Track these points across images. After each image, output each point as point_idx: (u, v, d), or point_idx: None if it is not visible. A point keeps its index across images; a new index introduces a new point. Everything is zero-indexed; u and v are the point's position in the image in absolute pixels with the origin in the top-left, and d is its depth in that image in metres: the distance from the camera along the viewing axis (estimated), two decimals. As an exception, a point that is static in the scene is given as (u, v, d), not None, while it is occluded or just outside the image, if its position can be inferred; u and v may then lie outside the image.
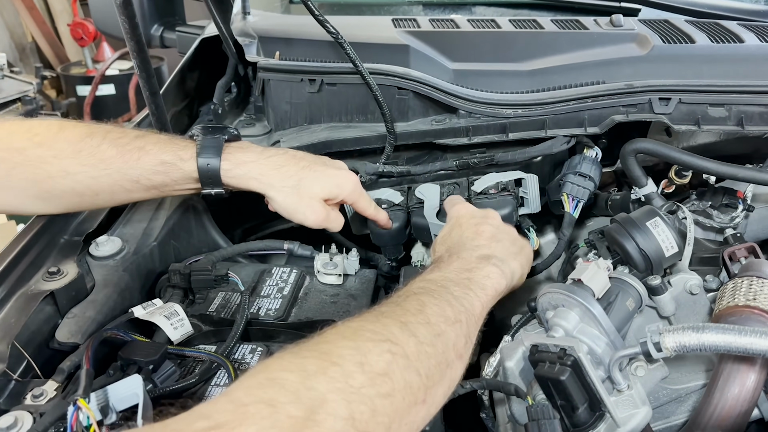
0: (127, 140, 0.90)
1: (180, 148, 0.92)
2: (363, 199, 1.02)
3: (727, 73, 1.10)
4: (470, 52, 1.22)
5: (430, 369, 0.64)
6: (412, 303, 0.71)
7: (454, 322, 0.71)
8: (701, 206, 1.03)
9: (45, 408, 0.70)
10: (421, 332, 0.65)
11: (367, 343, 0.60)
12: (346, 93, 1.23)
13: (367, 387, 0.56)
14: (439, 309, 0.71)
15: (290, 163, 0.96)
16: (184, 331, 0.87)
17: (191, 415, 0.49)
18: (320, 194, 0.96)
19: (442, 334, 0.68)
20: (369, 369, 0.57)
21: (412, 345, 0.63)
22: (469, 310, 0.75)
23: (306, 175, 0.96)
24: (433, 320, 0.68)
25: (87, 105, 4.27)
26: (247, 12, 1.42)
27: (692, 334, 0.67)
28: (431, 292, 0.74)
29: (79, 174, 0.88)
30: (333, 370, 0.56)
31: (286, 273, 1.03)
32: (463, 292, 0.77)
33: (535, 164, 1.16)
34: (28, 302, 0.82)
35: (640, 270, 0.85)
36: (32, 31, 5.12)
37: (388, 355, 0.60)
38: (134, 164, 0.89)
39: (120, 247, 0.98)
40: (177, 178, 0.92)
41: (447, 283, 0.78)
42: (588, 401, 0.71)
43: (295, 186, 0.95)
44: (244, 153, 0.95)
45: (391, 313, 0.68)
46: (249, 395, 0.51)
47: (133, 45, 1.02)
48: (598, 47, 1.17)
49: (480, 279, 0.81)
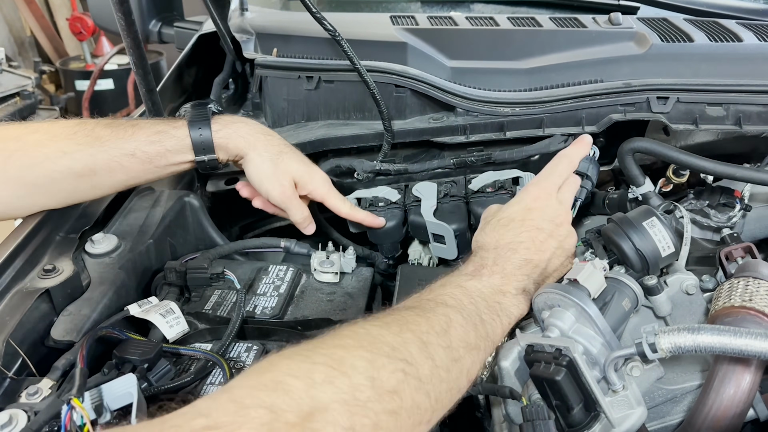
0: (118, 123, 0.95)
1: (171, 120, 0.99)
2: (332, 197, 1.05)
3: (726, 72, 1.10)
4: (468, 49, 1.22)
5: (441, 393, 0.63)
6: (440, 318, 0.69)
7: (474, 348, 0.70)
8: (699, 205, 1.03)
9: (40, 406, 0.70)
10: (440, 355, 0.64)
11: (382, 358, 0.59)
12: (344, 90, 1.24)
13: (374, 402, 0.55)
14: (463, 332, 0.69)
15: (276, 137, 1.03)
16: (180, 329, 0.87)
17: (190, 412, 0.49)
18: (294, 173, 1.01)
19: (459, 360, 0.67)
20: (379, 385, 0.56)
21: (428, 368, 0.62)
22: (490, 336, 0.74)
23: (288, 151, 1.02)
24: (454, 344, 0.67)
25: (85, 100, 4.26)
26: (245, 8, 1.42)
27: (687, 335, 0.66)
28: (462, 310, 0.72)
29: (76, 152, 0.90)
30: (341, 381, 0.55)
31: (282, 271, 1.03)
32: (491, 317, 0.75)
33: (532, 163, 1.15)
34: (23, 300, 0.82)
35: (636, 270, 0.85)
36: (31, 26, 5.10)
37: (401, 374, 0.59)
38: (129, 138, 0.93)
39: (116, 245, 0.98)
40: (171, 147, 0.95)
41: (479, 303, 0.75)
42: (583, 401, 0.71)
43: (275, 155, 1.00)
44: (232, 120, 1.01)
45: (416, 326, 0.66)
46: (252, 397, 0.50)
47: (129, 42, 1.02)
48: (596, 45, 1.17)
49: (509, 307, 0.79)
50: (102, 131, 0.92)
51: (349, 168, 1.19)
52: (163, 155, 0.95)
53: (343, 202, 1.06)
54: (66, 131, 0.90)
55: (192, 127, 0.96)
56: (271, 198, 1.02)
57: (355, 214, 1.08)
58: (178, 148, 0.96)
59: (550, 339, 0.74)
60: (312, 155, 1.22)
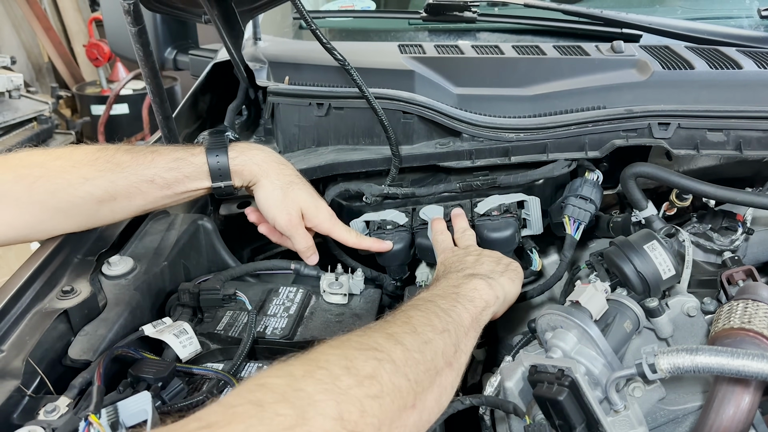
0: (138, 149, 0.98)
1: (189, 148, 1.02)
2: (338, 230, 1.08)
3: (726, 99, 1.12)
4: (474, 77, 1.25)
5: (419, 375, 0.65)
6: (399, 317, 0.73)
7: (442, 331, 0.73)
8: (702, 229, 1.05)
9: (57, 423, 0.72)
10: (408, 340, 0.68)
11: (352, 351, 0.63)
12: (353, 117, 1.27)
13: (355, 388, 0.58)
14: (425, 319, 0.73)
15: (288, 167, 1.06)
16: (193, 349, 0.89)
17: (186, 420, 0.52)
18: (302, 204, 1.04)
19: (430, 342, 0.70)
20: (356, 372, 0.59)
21: (399, 352, 0.65)
22: (456, 321, 0.77)
23: (298, 182, 1.06)
24: (419, 329, 0.70)
25: (101, 124, 4.34)
26: (258, 38, 1.47)
27: (686, 356, 0.68)
28: (418, 307, 0.76)
29: (97, 179, 0.93)
30: (320, 373, 0.58)
31: (292, 292, 1.05)
32: (450, 304, 0.79)
33: (537, 187, 1.17)
34: (42, 320, 0.85)
35: (637, 292, 0.87)
36: (48, 52, 5.23)
37: (374, 361, 0.62)
38: (149, 164, 0.96)
39: (131, 267, 1.00)
40: (189, 173, 0.99)
41: (434, 298, 0.80)
42: (585, 421, 0.72)
43: (286, 185, 1.03)
44: (248, 147, 1.05)
45: (378, 327, 0.70)
46: (238, 398, 0.54)
47: (147, 71, 1.05)
48: (599, 73, 1.20)
49: (467, 292, 0.83)
50: (122, 157, 0.95)
51: (357, 192, 1.21)
52: (181, 181, 0.98)
53: (348, 233, 1.09)
54: (87, 158, 0.94)
55: (209, 154, 0.99)
56: (278, 225, 1.05)
57: (362, 243, 1.10)
58: (195, 174, 0.99)
59: (553, 360, 0.76)
60: (322, 179, 1.26)
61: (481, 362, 1.17)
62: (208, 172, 0.99)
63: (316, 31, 1.08)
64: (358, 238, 1.10)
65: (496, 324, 1.06)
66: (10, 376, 0.77)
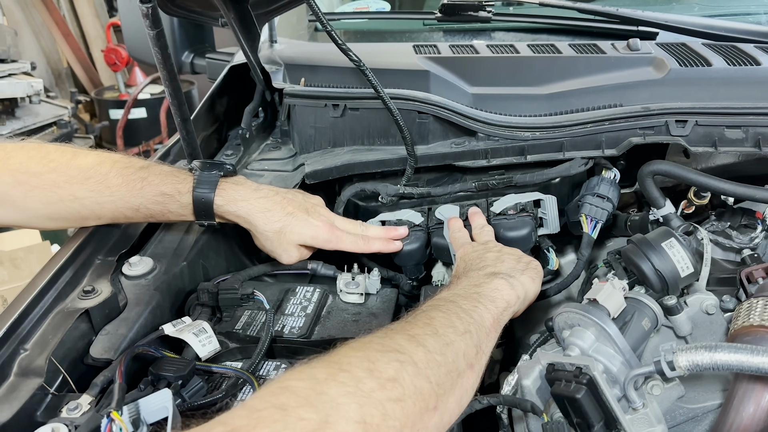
0: (131, 170, 0.99)
1: (179, 181, 1.01)
2: (343, 242, 1.09)
3: (744, 95, 1.11)
4: (489, 76, 1.25)
5: (441, 377, 0.65)
6: (420, 318, 0.73)
7: (464, 332, 0.73)
8: (720, 227, 1.04)
9: (80, 420, 0.73)
10: (430, 342, 0.68)
11: (374, 353, 0.63)
12: (368, 117, 1.27)
13: (378, 391, 0.58)
14: (447, 321, 0.73)
15: (276, 208, 1.05)
16: (212, 348, 0.90)
17: (211, 423, 0.53)
18: (297, 241, 1.06)
19: (451, 343, 0.70)
20: (378, 375, 0.60)
21: (421, 354, 0.65)
22: (478, 322, 0.77)
23: (288, 222, 1.05)
24: (441, 331, 0.71)
25: (119, 128, 4.40)
26: (274, 40, 1.48)
27: (705, 353, 0.68)
28: (439, 308, 0.77)
29: (86, 199, 0.97)
30: (343, 375, 0.58)
31: (309, 292, 1.06)
32: (471, 305, 0.79)
33: (553, 185, 1.17)
34: (64, 319, 0.86)
35: (656, 290, 0.86)
36: (68, 57, 5.30)
37: (396, 363, 0.62)
38: (137, 193, 0.98)
39: (151, 267, 1.01)
40: (173, 210, 1.01)
41: (456, 298, 0.80)
42: (603, 419, 0.72)
43: (277, 231, 1.05)
44: (236, 190, 1.03)
45: (399, 329, 0.70)
46: (262, 402, 0.54)
47: (165, 74, 1.07)
48: (615, 71, 1.19)
49: (489, 292, 0.83)
50: (113, 180, 0.97)
51: (373, 192, 1.22)
52: (165, 215, 1.02)
53: (355, 243, 1.09)
54: (81, 174, 0.96)
55: (197, 192, 1.00)
56: (283, 263, 1.09)
57: (371, 247, 1.11)
58: (180, 212, 1.01)
59: (571, 358, 0.76)
60: (338, 180, 1.26)
61: (498, 361, 1.17)
62: (193, 212, 1.01)
63: (331, 32, 1.09)
64: (366, 244, 1.11)
65: (513, 323, 1.06)
66: (33, 374, 0.78)
